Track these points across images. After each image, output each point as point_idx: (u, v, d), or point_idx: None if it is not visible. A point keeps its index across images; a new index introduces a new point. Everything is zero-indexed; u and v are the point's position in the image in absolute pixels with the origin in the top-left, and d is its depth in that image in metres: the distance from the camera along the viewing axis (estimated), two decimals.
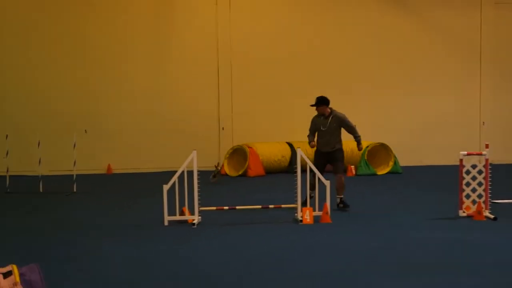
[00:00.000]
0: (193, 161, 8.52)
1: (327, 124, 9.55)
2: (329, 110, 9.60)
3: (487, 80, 17.28)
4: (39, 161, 12.44)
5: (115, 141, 15.81)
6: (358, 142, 9.70)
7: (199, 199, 8.61)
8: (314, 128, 9.75)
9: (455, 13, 17.03)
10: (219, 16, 16.21)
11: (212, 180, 12.38)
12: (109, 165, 15.77)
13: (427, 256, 6.61)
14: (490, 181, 8.97)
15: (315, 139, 9.79)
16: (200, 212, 8.67)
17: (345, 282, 5.66)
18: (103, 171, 15.72)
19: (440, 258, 6.53)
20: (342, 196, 9.66)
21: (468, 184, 8.95)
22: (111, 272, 6.13)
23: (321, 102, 9.59)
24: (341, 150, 9.69)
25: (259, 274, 5.96)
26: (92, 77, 15.85)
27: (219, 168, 12.73)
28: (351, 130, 9.69)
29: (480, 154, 9.18)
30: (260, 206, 9.17)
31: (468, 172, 8.96)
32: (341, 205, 9.59)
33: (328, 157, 9.63)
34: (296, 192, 8.74)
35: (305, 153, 9.09)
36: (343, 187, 9.68)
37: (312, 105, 9.66)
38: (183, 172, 8.53)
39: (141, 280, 5.83)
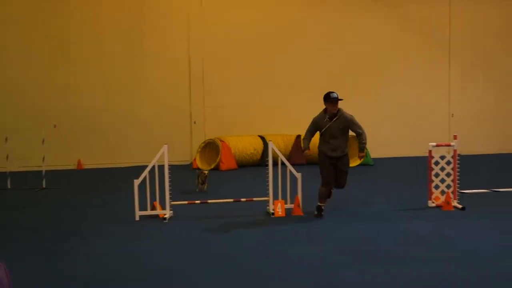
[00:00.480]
0: (164, 155, 8.47)
1: (332, 125, 8.40)
2: (335, 110, 8.45)
3: (456, 73, 17.55)
4: (7, 157, 12.21)
5: (85, 136, 15.58)
6: (361, 149, 8.70)
7: (170, 194, 8.56)
8: (315, 129, 8.58)
9: (424, 6, 17.23)
10: (191, 10, 16.09)
11: (204, 188, 11.05)
12: (79, 160, 15.56)
13: (397, 247, 6.69)
14: (458, 172, 9.14)
15: (316, 142, 8.72)
16: (171, 206, 8.63)
17: (323, 275, 5.70)
18: (73, 167, 15.50)
19: (411, 249, 6.62)
20: (324, 204, 8.62)
21: (437, 175, 9.11)
22: (88, 270, 6.06)
23: (338, 97, 8.39)
24: (347, 155, 8.72)
25: (235, 270, 5.95)
26: (62, 72, 15.57)
27: (206, 173, 11.11)
28: (358, 133, 8.59)
29: (449, 145, 9.33)
30: (232, 200, 9.18)
31: (437, 163, 9.12)
32: (317, 213, 8.50)
33: (336, 163, 8.54)
34: (268, 185, 8.76)
35: (277, 146, 9.08)
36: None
37: (334, 98, 8.33)
38: (154, 166, 8.47)
39: (115, 278, 5.78)
